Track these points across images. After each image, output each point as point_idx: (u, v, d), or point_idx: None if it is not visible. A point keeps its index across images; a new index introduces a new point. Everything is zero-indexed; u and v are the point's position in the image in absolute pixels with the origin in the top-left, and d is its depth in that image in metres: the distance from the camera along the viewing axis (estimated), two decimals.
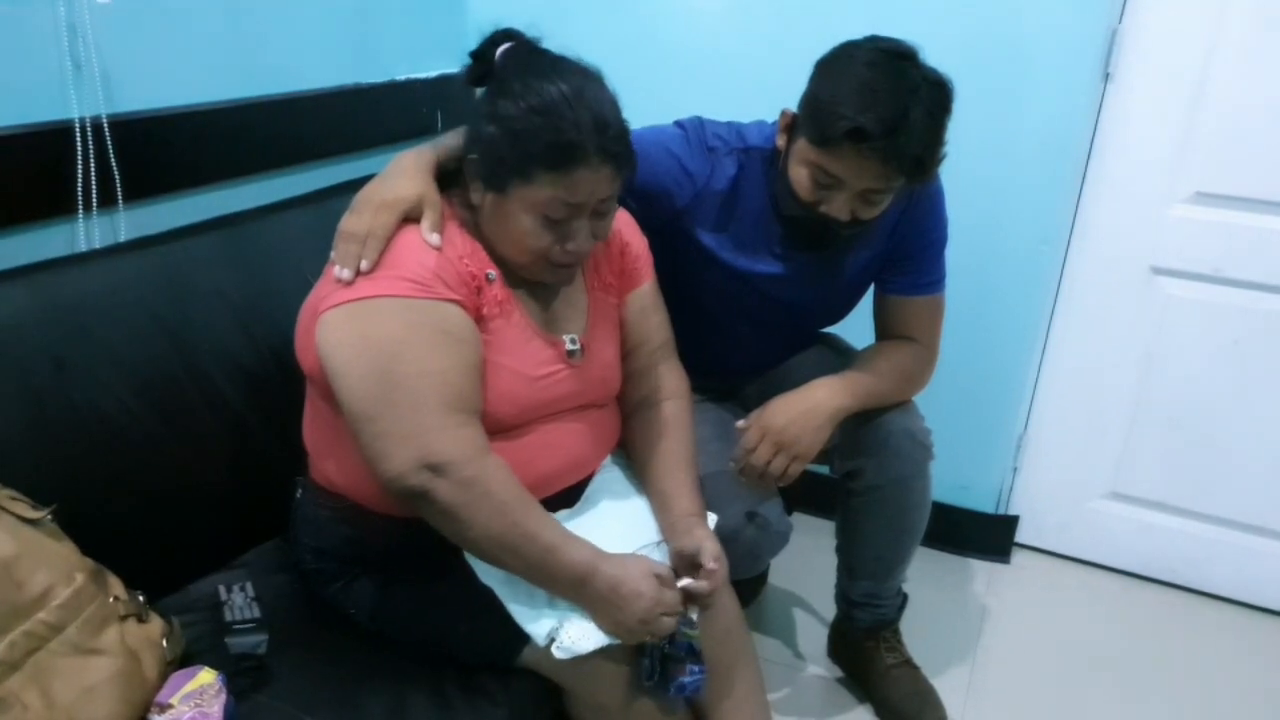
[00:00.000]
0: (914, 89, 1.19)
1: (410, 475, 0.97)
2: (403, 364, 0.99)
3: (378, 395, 0.99)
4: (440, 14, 1.97)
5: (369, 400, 0.99)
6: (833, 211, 1.26)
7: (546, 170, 1.02)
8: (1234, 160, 1.74)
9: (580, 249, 1.08)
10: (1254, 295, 1.81)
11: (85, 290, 1.17)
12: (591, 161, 1.02)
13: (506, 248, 1.10)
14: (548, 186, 1.03)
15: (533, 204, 1.04)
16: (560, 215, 1.05)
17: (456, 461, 0.98)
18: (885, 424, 1.42)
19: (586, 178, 1.03)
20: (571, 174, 1.02)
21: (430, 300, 1.02)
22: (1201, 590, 2.03)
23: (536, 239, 1.06)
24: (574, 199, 1.04)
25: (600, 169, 1.03)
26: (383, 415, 0.99)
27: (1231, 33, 1.68)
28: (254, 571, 1.26)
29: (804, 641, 1.82)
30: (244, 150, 1.53)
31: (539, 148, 1.02)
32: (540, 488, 1.16)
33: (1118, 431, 1.99)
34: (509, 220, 1.06)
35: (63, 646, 0.91)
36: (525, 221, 1.05)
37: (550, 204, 1.04)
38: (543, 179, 1.03)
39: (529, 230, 1.06)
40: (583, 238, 1.07)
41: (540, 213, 1.04)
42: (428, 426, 0.98)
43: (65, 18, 1.23)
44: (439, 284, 1.03)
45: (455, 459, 0.98)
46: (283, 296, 1.26)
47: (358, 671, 1.10)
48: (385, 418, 0.99)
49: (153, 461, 1.18)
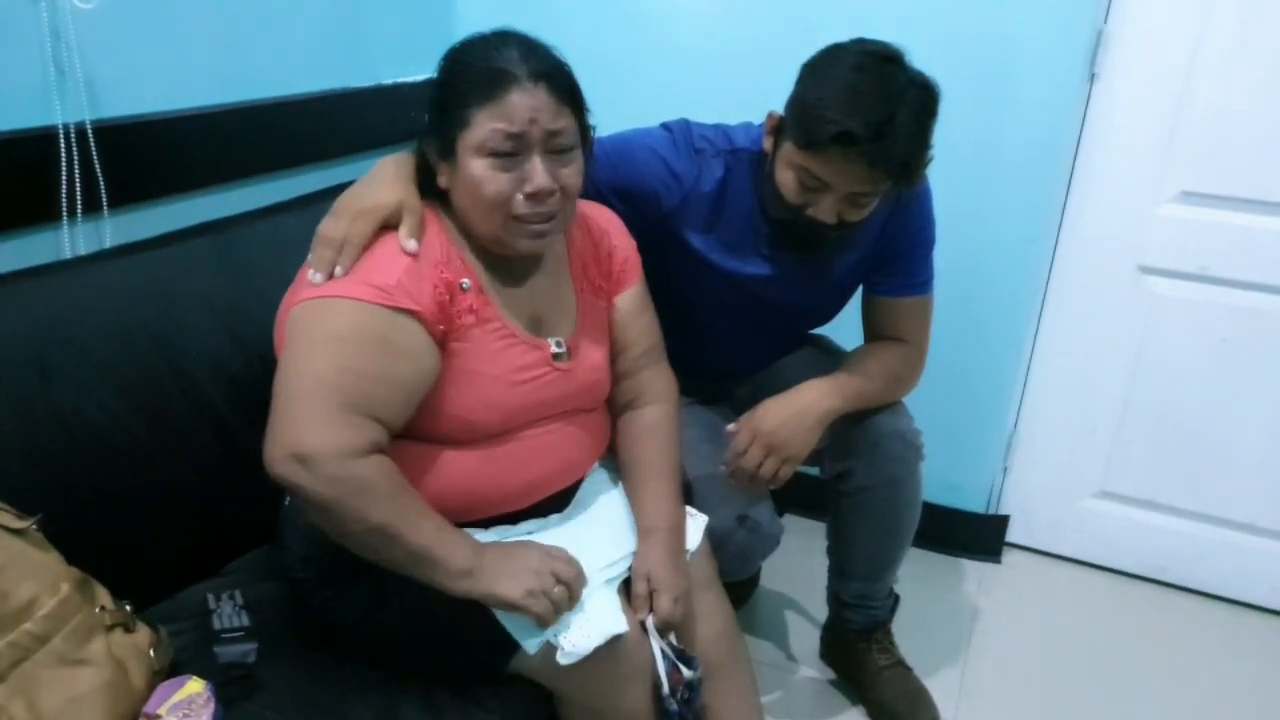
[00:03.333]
0: (900, 92, 1.19)
1: (277, 463, 0.96)
2: (323, 361, 0.99)
3: (287, 382, 0.99)
4: (428, 17, 1.97)
5: (279, 386, 0.99)
6: (819, 214, 1.26)
7: (480, 104, 1.02)
8: (1219, 159, 1.75)
9: (539, 187, 1.04)
10: (1241, 294, 1.82)
11: (70, 297, 1.16)
12: (522, 83, 1.02)
13: (475, 216, 1.08)
14: (486, 120, 1.02)
15: (478, 147, 1.03)
16: (506, 148, 1.03)
17: (322, 456, 0.95)
18: (875, 425, 1.43)
19: (521, 102, 1.02)
20: (504, 100, 1.02)
21: (385, 308, 1.01)
22: (1192, 588, 2.04)
23: (493, 185, 1.04)
24: (513, 126, 1.02)
25: (534, 92, 1.03)
26: (280, 402, 0.98)
27: (1217, 33, 1.68)
28: (242, 579, 1.25)
29: (796, 643, 1.82)
30: (230, 155, 1.52)
31: (468, 84, 1.03)
32: (530, 493, 1.16)
33: (1107, 430, 2.00)
34: (466, 179, 1.05)
35: (49, 657, 0.90)
36: (476, 169, 1.04)
37: (491, 137, 1.02)
38: (478, 116, 1.02)
39: (483, 177, 1.04)
40: (539, 175, 1.04)
41: (487, 151, 1.03)
42: (308, 419, 0.97)
43: (48, 23, 1.22)
44: (401, 293, 1.02)
45: (321, 453, 0.95)
46: (270, 302, 1.25)
47: (348, 680, 1.10)
48: (281, 405, 0.98)
49: (140, 469, 1.18)
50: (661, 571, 1.15)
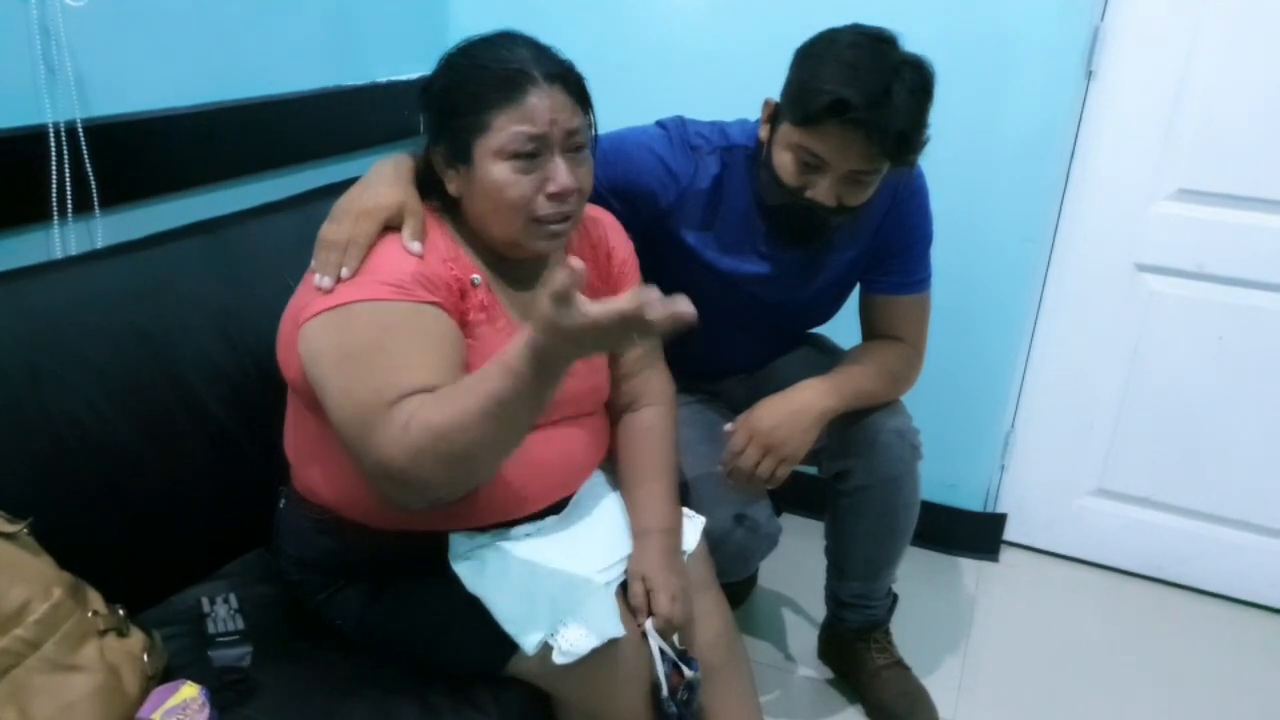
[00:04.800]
0: (896, 68, 1.18)
1: (388, 490, 0.96)
2: (380, 369, 0.97)
3: (360, 402, 0.97)
4: (421, 15, 1.96)
5: (353, 408, 0.97)
6: (818, 196, 1.25)
7: (500, 107, 1.02)
8: (1215, 157, 1.75)
9: (564, 187, 1.04)
10: (1237, 291, 1.82)
11: (61, 298, 1.14)
12: (539, 84, 1.02)
13: (494, 220, 1.06)
14: (507, 124, 1.01)
15: (498, 150, 1.02)
16: (528, 150, 1.02)
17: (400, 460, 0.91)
18: (873, 424, 1.42)
19: (540, 103, 1.02)
20: (524, 102, 1.01)
21: (408, 303, 1.00)
22: (1189, 585, 2.04)
23: (515, 188, 1.03)
24: (535, 128, 1.02)
25: (552, 92, 1.02)
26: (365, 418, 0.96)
27: (1212, 30, 1.68)
28: (237, 582, 1.25)
29: (794, 643, 1.81)
30: (223, 154, 1.51)
31: (485, 87, 1.02)
32: (537, 499, 1.14)
33: (1104, 428, 2.00)
34: (485, 183, 1.04)
35: (40, 663, 0.89)
36: (497, 172, 1.03)
37: (514, 140, 1.02)
38: (498, 119, 1.02)
39: (504, 181, 1.03)
40: (562, 175, 1.04)
41: (509, 155, 1.02)
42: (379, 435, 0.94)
43: (38, 20, 1.21)
44: (418, 288, 1.01)
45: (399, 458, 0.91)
46: (264, 302, 1.25)
47: (344, 683, 1.09)
48: (356, 432, 0.96)
49: (132, 471, 1.16)
50: (657, 571, 1.15)
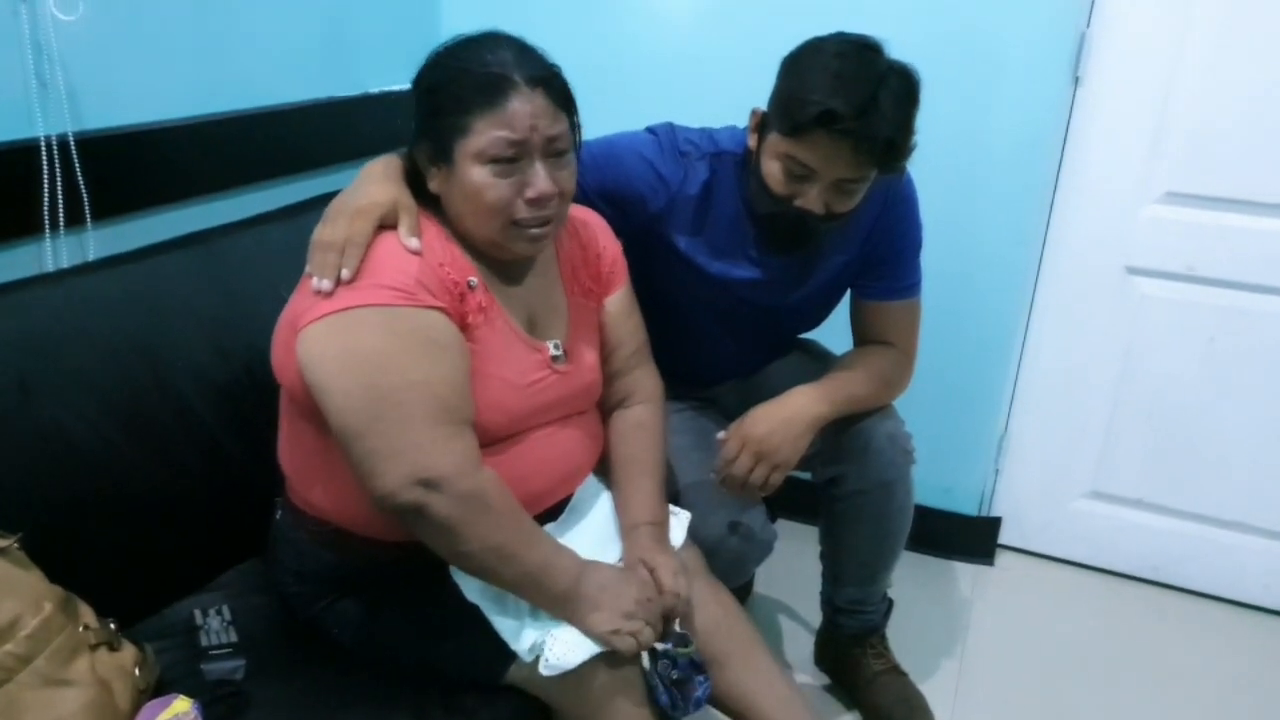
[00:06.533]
0: (882, 76, 1.19)
1: (403, 492, 0.95)
2: (389, 376, 0.97)
3: (365, 411, 0.96)
4: (413, 25, 1.97)
5: (357, 416, 0.96)
6: (807, 204, 1.25)
7: (481, 111, 1.01)
8: (1204, 160, 1.76)
9: (542, 193, 1.04)
10: (1227, 293, 1.83)
11: (53, 311, 1.14)
12: (521, 89, 1.02)
13: (473, 221, 1.07)
14: (487, 128, 1.01)
15: (478, 153, 1.02)
16: (507, 155, 1.02)
17: (451, 476, 0.96)
18: (866, 429, 1.42)
19: (522, 109, 1.01)
20: (505, 107, 1.01)
21: (414, 308, 1.00)
22: (1183, 587, 2.04)
23: (494, 191, 1.03)
24: (515, 134, 1.01)
25: (533, 97, 1.02)
26: (372, 431, 0.96)
27: (1199, 35, 1.70)
28: (230, 594, 1.24)
29: (790, 649, 1.81)
30: (215, 166, 1.51)
31: (467, 90, 1.02)
32: (539, 500, 1.14)
33: (1097, 431, 2.00)
34: (464, 185, 1.04)
35: (31, 678, 0.88)
36: (477, 175, 1.03)
37: (494, 145, 1.01)
38: (479, 124, 1.01)
39: (484, 184, 1.03)
40: (541, 181, 1.04)
41: (488, 159, 1.02)
42: (419, 441, 0.96)
43: (29, 34, 1.21)
44: (422, 291, 1.01)
45: (450, 473, 0.96)
46: (257, 313, 1.24)
47: (339, 695, 1.08)
48: (374, 434, 0.96)
49: (124, 483, 1.16)
50: (653, 554, 1.15)
